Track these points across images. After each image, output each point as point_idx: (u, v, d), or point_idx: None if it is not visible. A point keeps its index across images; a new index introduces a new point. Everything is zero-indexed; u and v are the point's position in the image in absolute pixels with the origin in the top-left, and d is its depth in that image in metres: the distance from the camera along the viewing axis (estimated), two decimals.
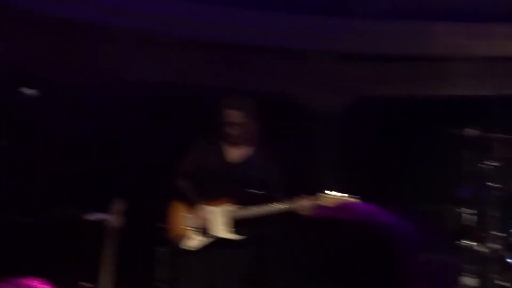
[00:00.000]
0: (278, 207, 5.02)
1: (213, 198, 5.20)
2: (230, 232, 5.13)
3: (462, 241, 5.95)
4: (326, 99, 8.22)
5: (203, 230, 5.19)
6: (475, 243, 5.94)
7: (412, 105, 8.15)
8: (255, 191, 5.11)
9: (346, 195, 4.93)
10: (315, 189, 5.10)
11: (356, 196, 4.74)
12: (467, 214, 6.03)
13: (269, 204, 5.04)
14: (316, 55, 7.94)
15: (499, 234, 5.77)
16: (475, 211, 6.08)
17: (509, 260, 5.79)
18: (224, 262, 5.11)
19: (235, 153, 5.27)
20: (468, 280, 5.68)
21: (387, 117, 8.16)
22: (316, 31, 7.69)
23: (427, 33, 7.80)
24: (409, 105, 8.17)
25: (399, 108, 8.16)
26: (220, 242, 5.15)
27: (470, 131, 5.99)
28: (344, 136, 8.15)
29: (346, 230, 1.40)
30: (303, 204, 4.95)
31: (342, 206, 1.33)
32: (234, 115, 5.16)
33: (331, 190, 5.00)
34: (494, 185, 5.87)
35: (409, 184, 7.93)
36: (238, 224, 5.12)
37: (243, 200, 5.12)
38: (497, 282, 5.65)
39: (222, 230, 5.14)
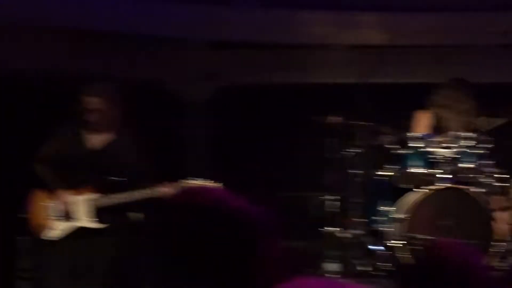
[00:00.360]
0: (141, 194, 4.98)
1: (75, 186, 5.12)
2: (93, 220, 5.07)
3: (325, 227, 6.11)
4: (195, 87, 8.19)
5: (65, 219, 5.11)
6: (337, 229, 6.11)
7: (280, 93, 8.21)
8: (117, 178, 5.07)
9: (211, 182, 4.95)
10: (183, 176, 5.08)
11: (220, 183, 4.77)
12: (330, 201, 6.16)
13: (132, 191, 5.01)
14: (185, 42, 7.89)
15: (360, 220, 5.91)
16: (338, 198, 6.23)
17: (370, 246, 5.98)
18: (87, 251, 5.05)
19: (96, 140, 5.23)
20: (330, 265, 5.80)
21: (255, 105, 8.21)
22: (186, 19, 7.64)
23: (295, 21, 7.88)
24: (277, 93, 8.23)
25: (267, 95, 8.21)
26: (82, 231, 5.07)
27: (333, 119, 6.12)
28: (213, 123, 8.14)
29: (201, 216, 1.39)
30: (166, 190, 4.92)
31: (195, 191, 1.31)
32: (93, 102, 5.12)
33: (197, 177, 5.00)
34: (356, 171, 6.02)
35: (275, 171, 7.99)
36: (100, 212, 5.05)
37: (105, 187, 5.07)
38: (359, 268, 5.77)
39: (84, 219, 5.07)
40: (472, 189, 5.68)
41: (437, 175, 5.80)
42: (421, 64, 7.87)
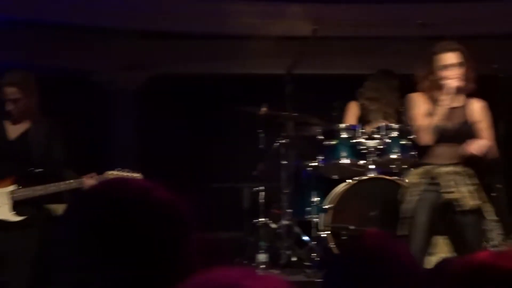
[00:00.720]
0: (62, 185, 4.89)
1: None
2: (13, 213, 4.94)
3: (256, 219, 6.15)
4: (124, 77, 8.09)
5: None
6: (269, 220, 6.15)
7: (209, 83, 8.19)
8: (36, 169, 4.96)
9: (135, 173, 4.90)
10: (109, 167, 5.02)
11: (143, 174, 4.78)
12: (262, 192, 6.17)
13: (53, 183, 4.91)
14: (112, 32, 7.77)
15: (291, 210, 5.97)
16: (270, 189, 6.27)
17: (300, 237, 6.04)
18: (11, 245, 4.92)
19: (14, 130, 5.11)
20: (261, 256, 5.84)
21: (184, 96, 8.16)
22: (113, 8, 7.52)
23: (223, 12, 7.86)
24: (206, 83, 8.20)
25: (196, 86, 8.18)
26: (3, 224, 4.93)
27: (264, 110, 6.17)
28: (140, 114, 8.05)
29: (122, 208, 1.36)
30: (89, 182, 4.83)
31: (116, 183, 1.30)
32: (10, 91, 4.99)
33: (123, 168, 4.95)
34: (287, 162, 6.07)
35: (207, 162, 8.00)
36: (20, 205, 4.94)
37: (25, 179, 4.95)
38: (289, 258, 5.83)
39: (4, 211, 4.94)
40: (399, 179, 5.78)
41: (365, 166, 5.89)
42: (347, 55, 7.96)
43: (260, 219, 6.13)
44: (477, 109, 4.88)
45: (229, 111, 6.67)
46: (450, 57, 4.72)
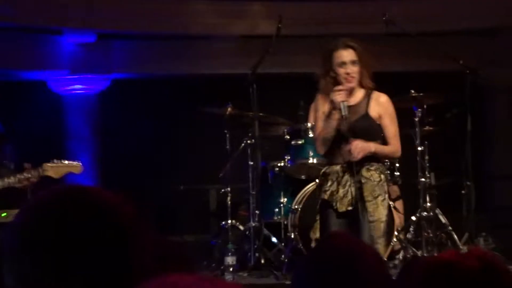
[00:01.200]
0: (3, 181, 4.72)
1: None
2: None
3: (224, 221, 6.08)
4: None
5: None
6: (236, 222, 6.09)
7: (173, 84, 8.11)
8: None
9: (75, 162, 4.82)
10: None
11: (79, 163, 4.75)
12: (229, 194, 6.11)
13: None
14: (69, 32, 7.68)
15: (258, 212, 5.89)
16: (237, 190, 6.24)
17: (268, 238, 5.98)
18: None
19: None
20: (229, 259, 5.75)
21: (148, 97, 8.07)
22: (71, 10, 7.47)
23: (185, 11, 7.79)
24: (170, 84, 8.12)
25: (160, 88, 8.10)
26: None
27: (229, 110, 6.12)
28: (103, 116, 7.93)
29: (69, 212, 1.29)
30: (28, 176, 4.69)
31: (64, 189, 1.27)
32: None
33: (61, 160, 4.82)
34: (254, 163, 6.00)
35: (172, 164, 7.94)
36: None
37: None
38: (261, 260, 5.72)
39: None
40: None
41: None
42: (311, 53, 7.93)
43: (227, 221, 6.05)
44: (379, 103, 4.72)
45: (194, 112, 6.60)
46: (346, 55, 4.64)
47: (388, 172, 5.97)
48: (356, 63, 4.62)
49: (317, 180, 5.57)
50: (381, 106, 4.70)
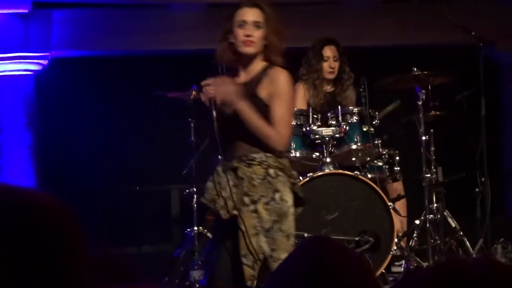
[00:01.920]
0: None
1: None
2: None
3: (189, 227, 6.06)
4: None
5: None
6: (204, 229, 6.06)
7: (125, 63, 8.05)
8: None
9: None
10: None
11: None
12: (195, 195, 6.11)
13: None
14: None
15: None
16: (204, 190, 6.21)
17: None
18: None
19: None
20: (196, 273, 5.75)
21: (94, 79, 8.01)
22: None
23: None
24: (121, 63, 8.06)
25: (108, 67, 8.04)
26: None
27: (194, 94, 6.07)
28: (40, 102, 7.85)
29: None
30: None
31: None
32: None
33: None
34: (224, 157, 5.97)
35: (126, 160, 7.92)
36: None
37: None
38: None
39: None
40: (362, 175, 5.78)
41: (319, 159, 5.89)
42: (302, 24, 7.92)
43: (193, 228, 6.01)
44: (272, 81, 4.16)
45: (151, 97, 6.59)
46: (249, 14, 4.18)
47: (386, 166, 6.01)
48: (260, 27, 4.16)
49: (300, 178, 5.59)
50: (273, 83, 4.14)
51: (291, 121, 4.23)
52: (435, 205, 5.86)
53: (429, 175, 5.84)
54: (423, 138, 5.81)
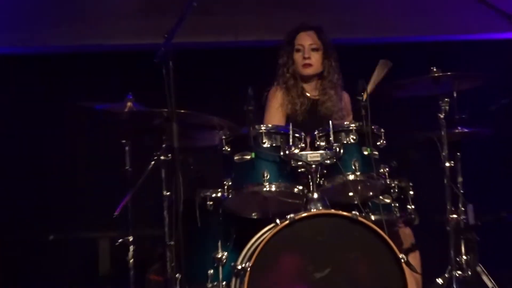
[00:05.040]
0: None
1: None
2: None
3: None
4: None
5: None
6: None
7: (39, 64, 8.27)
8: None
9: None
10: None
11: None
12: (131, 245, 6.17)
13: None
14: None
15: (180, 276, 5.86)
16: (143, 239, 6.31)
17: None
18: None
19: None
20: None
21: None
22: None
23: None
24: (34, 64, 8.25)
25: (17, 70, 8.26)
26: None
27: (129, 106, 6.32)
28: None
29: None
30: None
31: None
32: None
33: None
34: (170, 193, 6.00)
35: (37, 197, 8.05)
36: None
37: None
38: None
39: None
40: (363, 216, 5.72)
41: (304, 194, 5.88)
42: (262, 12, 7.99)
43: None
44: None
45: (71, 109, 6.86)
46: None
47: (396, 204, 5.98)
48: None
49: (277, 221, 5.64)
50: None
51: None
52: (464, 257, 5.92)
53: (455, 215, 5.87)
54: (447, 164, 5.84)
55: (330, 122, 5.96)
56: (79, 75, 8.05)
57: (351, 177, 5.85)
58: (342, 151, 5.88)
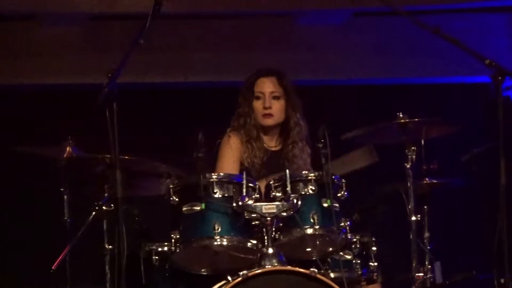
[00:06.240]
0: None
1: None
2: None
3: None
4: None
5: None
6: None
7: None
8: None
9: None
10: None
11: None
12: None
13: None
14: None
15: None
16: None
17: None
18: None
19: None
20: None
21: None
22: None
23: None
24: None
25: None
26: None
27: (68, 151, 6.29)
28: None
29: None
30: None
31: None
32: None
33: None
34: (113, 247, 6.12)
35: None
36: None
37: None
38: None
39: None
40: (322, 273, 5.72)
41: (258, 250, 5.89)
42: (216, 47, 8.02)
43: None
44: None
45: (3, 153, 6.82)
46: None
47: (357, 261, 6.04)
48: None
49: (229, 278, 5.58)
50: None
51: None
52: None
53: (422, 274, 5.90)
54: (413, 218, 5.88)
55: (287, 170, 5.97)
56: (12, 116, 8.08)
57: (309, 231, 5.85)
58: (300, 202, 5.85)
